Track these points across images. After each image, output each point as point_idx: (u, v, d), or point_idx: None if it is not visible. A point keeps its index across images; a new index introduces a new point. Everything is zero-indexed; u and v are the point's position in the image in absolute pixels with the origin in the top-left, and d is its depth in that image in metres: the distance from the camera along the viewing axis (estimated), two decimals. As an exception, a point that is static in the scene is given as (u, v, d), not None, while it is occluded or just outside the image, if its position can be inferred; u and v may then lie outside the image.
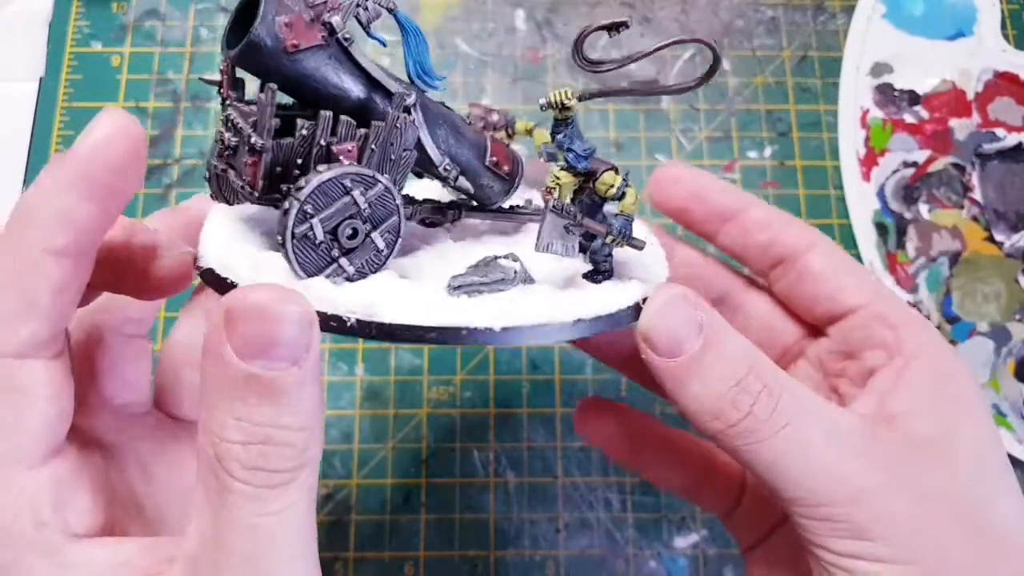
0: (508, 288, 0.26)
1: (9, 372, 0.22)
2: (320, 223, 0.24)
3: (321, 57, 0.24)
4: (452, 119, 0.28)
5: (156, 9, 0.54)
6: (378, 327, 0.24)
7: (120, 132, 0.23)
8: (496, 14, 0.54)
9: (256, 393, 0.21)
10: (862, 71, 0.53)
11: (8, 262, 0.22)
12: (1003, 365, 0.47)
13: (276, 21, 0.23)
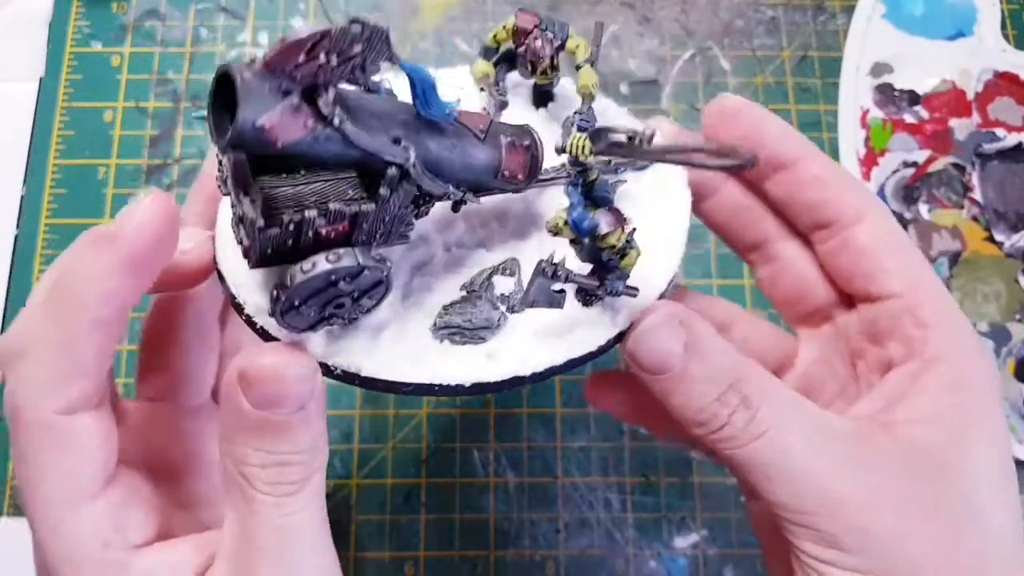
0: (489, 337, 0.27)
1: (61, 428, 0.25)
2: (307, 308, 0.25)
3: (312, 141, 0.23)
4: (464, 151, 0.26)
5: (156, 9, 0.54)
6: (360, 379, 0.26)
7: (160, 215, 0.26)
8: (496, 14, 0.54)
9: (270, 432, 0.25)
10: (862, 71, 0.53)
11: (57, 332, 0.25)
12: (1003, 365, 0.47)
13: (255, 128, 0.21)
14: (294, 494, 0.25)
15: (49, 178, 0.50)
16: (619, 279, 0.27)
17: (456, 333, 0.27)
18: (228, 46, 0.53)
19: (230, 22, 0.54)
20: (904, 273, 0.30)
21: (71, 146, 0.51)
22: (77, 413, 0.26)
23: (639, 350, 0.27)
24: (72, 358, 0.25)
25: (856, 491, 0.26)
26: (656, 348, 0.27)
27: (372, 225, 0.25)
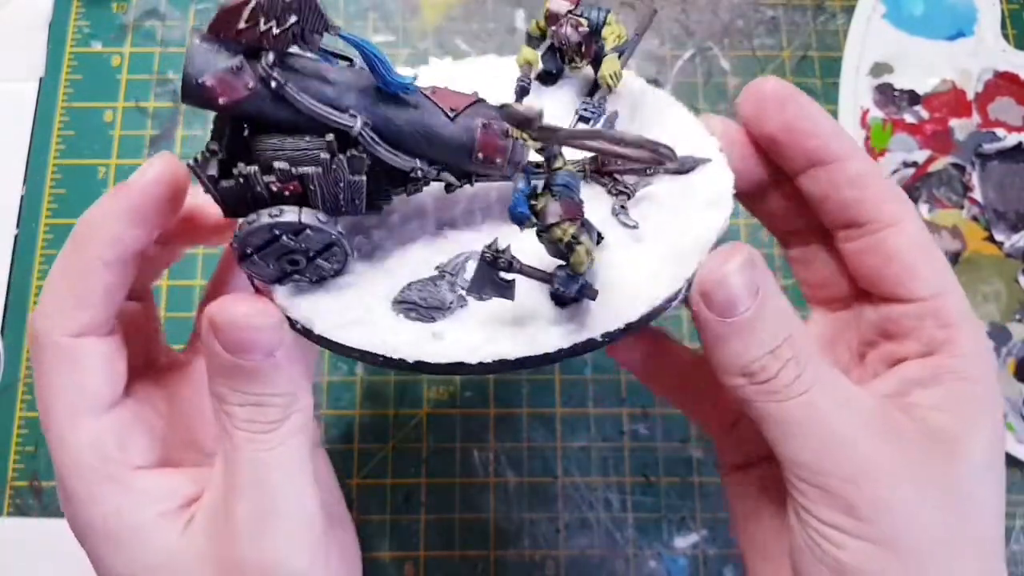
0: (440, 318, 0.27)
1: (70, 348, 0.29)
2: (260, 259, 0.27)
3: (259, 102, 0.25)
4: (426, 124, 0.26)
5: (156, 9, 0.54)
6: (315, 337, 0.27)
7: (166, 175, 0.29)
8: (496, 14, 0.54)
9: (242, 375, 0.27)
10: (862, 71, 0.53)
11: (72, 267, 0.30)
12: (1003, 365, 0.47)
13: (198, 85, 0.24)
14: (270, 431, 0.27)
15: (49, 178, 0.50)
16: (569, 279, 0.26)
17: (412, 309, 0.28)
18: (228, 46, 0.53)
19: (230, 22, 0.54)
20: (933, 279, 0.31)
21: (71, 146, 0.51)
22: (85, 337, 0.29)
23: (716, 290, 0.27)
24: (81, 290, 0.29)
25: (880, 462, 0.27)
26: (733, 290, 0.27)
27: (325, 189, 0.26)
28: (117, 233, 0.29)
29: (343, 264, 0.28)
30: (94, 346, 0.30)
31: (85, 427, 0.29)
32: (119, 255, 0.29)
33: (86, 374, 0.29)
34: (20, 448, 0.46)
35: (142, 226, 0.29)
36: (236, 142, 0.26)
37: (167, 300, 0.48)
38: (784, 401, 0.27)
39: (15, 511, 0.45)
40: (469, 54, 0.53)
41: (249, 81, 0.24)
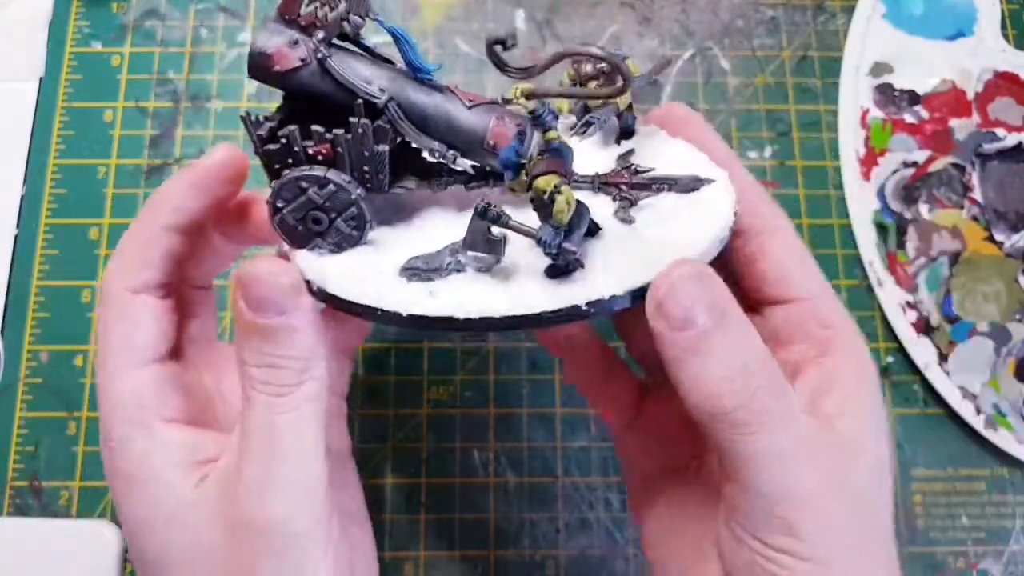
0: (436, 278, 0.29)
1: (126, 301, 0.32)
2: (288, 214, 0.30)
3: (307, 74, 0.29)
4: (448, 110, 0.30)
5: (156, 9, 0.54)
6: (326, 295, 0.29)
7: (228, 159, 0.33)
8: (496, 14, 0.54)
9: (260, 333, 0.29)
10: (862, 71, 0.53)
11: (138, 230, 0.33)
12: (1003, 365, 0.47)
13: (259, 54, 0.29)
14: (284, 395, 0.29)
15: (49, 178, 0.50)
16: (550, 232, 0.27)
17: (415, 273, 0.29)
18: (228, 46, 0.53)
19: (230, 22, 0.54)
20: (810, 282, 0.32)
21: (71, 146, 0.51)
22: (141, 294, 0.32)
23: (668, 298, 0.26)
24: (144, 251, 0.32)
25: (818, 482, 0.27)
26: (685, 300, 0.26)
27: (352, 156, 0.29)
28: (179, 202, 0.33)
29: (362, 231, 0.30)
30: (147, 303, 0.32)
31: (128, 375, 0.32)
32: (180, 222, 0.33)
33: (136, 327, 0.32)
34: (20, 448, 0.46)
35: (203, 198, 0.33)
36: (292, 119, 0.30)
37: (167, 300, 0.48)
38: (754, 433, 0.27)
39: (15, 511, 0.45)
40: (469, 54, 0.53)
41: (302, 53, 0.29)
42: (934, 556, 0.45)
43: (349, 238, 0.30)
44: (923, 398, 0.48)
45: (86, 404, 0.47)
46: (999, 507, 0.46)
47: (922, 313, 0.48)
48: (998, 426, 0.46)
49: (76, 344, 0.47)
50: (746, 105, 0.53)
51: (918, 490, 0.46)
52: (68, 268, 0.49)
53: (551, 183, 0.27)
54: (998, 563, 0.45)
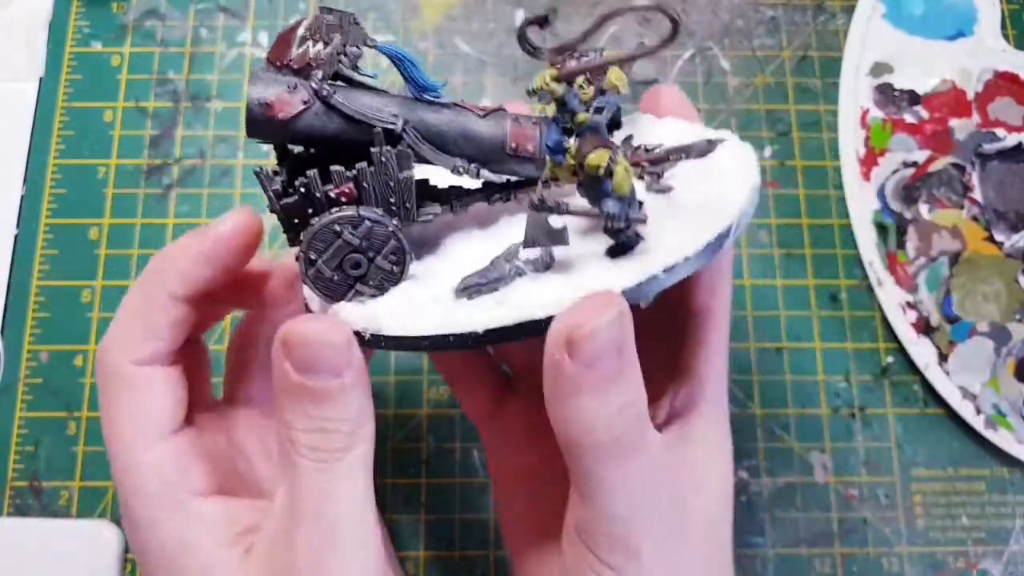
0: (502, 287, 0.28)
1: (136, 375, 0.30)
2: (324, 264, 0.28)
3: (312, 117, 0.28)
4: (463, 122, 0.29)
5: (156, 9, 0.54)
6: (384, 339, 0.28)
7: (242, 227, 0.32)
8: (496, 14, 0.54)
9: (309, 398, 0.27)
10: (862, 71, 0.53)
11: (142, 299, 0.31)
12: (1003, 365, 0.47)
13: (259, 104, 0.27)
14: (336, 461, 0.27)
15: (49, 178, 0.50)
16: (616, 204, 0.26)
17: (475, 290, 0.28)
18: (228, 46, 0.53)
19: (230, 22, 0.54)
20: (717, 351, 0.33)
21: (71, 146, 0.51)
22: (150, 366, 0.31)
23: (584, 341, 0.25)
24: (149, 321, 0.31)
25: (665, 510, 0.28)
26: (601, 343, 0.26)
27: (377, 189, 0.28)
28: (189, 271, 0.31)
29: (403, 265, 0.29)
30: (159, 374, 0.31)
31: (148, 452, 0.30)
32: (188, 292, 0.31)
33: (150, 400, 0.31)
34: (20, 448, 0.46)
35: (213, 268, 0.31)
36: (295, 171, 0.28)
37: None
38: (612, 461, 0.27)
39: (15, 511, 0.45)
40: (469, 54, 0.53)
41: (303, 96, 0.27)
42: (934, 556, 0.45)
43: (391, 276, 0.29)
44: (923, 398, 0.48)
45: (86, 404, 0.47)
46: (999, 507, 0.46)
47: (922, 313, 0.48)
48: (998, 426, 0.46)
49: (76, 344, 0.47)
50: (746, 105, 0.53)
51: (918, 490, 0.46)
52: (68, 268, 0.49)
53: (604, 157, 0.26)
54: (998, 563, 0.45)
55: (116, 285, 0.48)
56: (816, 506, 0.46)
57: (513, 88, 0.53)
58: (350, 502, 0.28)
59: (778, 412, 0.47)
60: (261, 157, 0.51)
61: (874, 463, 0.47)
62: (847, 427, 0.47)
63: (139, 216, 0.50)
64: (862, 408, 0.48)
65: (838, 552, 0.45)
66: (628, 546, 0.27)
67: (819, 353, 0.48)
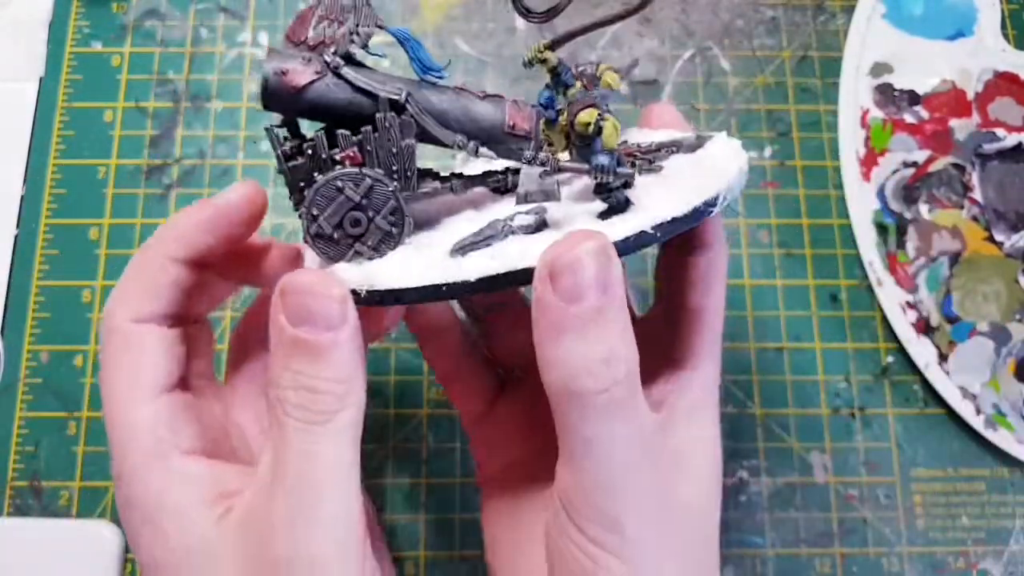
0: (495, 242, 0.29)
1: (132, 332, 0.31)
2: (325, 220, 0.29)
3: (323, 87, 0.29)
4: (465, 103, 0.31)
5: (156, 9, 0.54)
6: (378, 293, 0.28)
7: (247, 198, 0.33)
8: (496, 14, 0.54)
9: (301, 352, 0.27)
10: (862, 71, 0.53)
11: (143, 260, 0.32)
12: (1003, 365, 0.47)
13: (275, 73, 0.29)
14: (321, 423, 0.27)
15: (49, 178, 0.50)
16: (605, 157, 0.28)
17: (469, 247, 0.29)
18: (228, 46, 0.53)
19: (230, 22, 0.54)
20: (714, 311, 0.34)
21: (71, 146, 0.51)
22: (146, 323, 0.31)
23: (565, 271, 0.25)
24: (147, 281, 0.32)
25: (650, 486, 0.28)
26: (584, 275, 0.25)
27: (380, 153, 0.29)
28: (190, 236, 0.32)
29: (402, 227, 0.30)
30: (154, 332, 0.32)
31: (140, 407, 0.30)
32: (188, 255, 0.32)
33: (144, 357, 0.31)
34: (20, 448, 0.46)
35: (215, 236, 0.32)
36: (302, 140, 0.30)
37: (167, 300, 0.48)
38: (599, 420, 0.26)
39: (15, 511, 0.45)
40: (469, 54, 0.53)
41: (316, 67, 0.29)
42: (934, 556, 0.45)
43: (388, 237, 0.30)
44: (923, 398, 0.48)
45: (86, 404, 0.47)
46: (999, 507, 0.46)
47: (922, 313, 0.48)
48: (998, 426, 0.46)
49: (76, 344, 0.47)
50: (746, 105, 0.53)
51: (918, 490, 0.46)
52: (68, 268, 0.49)
53: (593, 115, 0.28)
54: (998, 563, 0.45)
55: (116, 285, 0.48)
56: (816, 506, 0.46)
57: (513, 88, 0.53)
58: (334, 468, 0.27)
59: (778, 412, 0.47)
60: (261, 157, 0.51)
61: (874, 463, 0.47)
62: (847, 427, 0.47)
63: (139, 216, 0.50)
64: (862, 408, 0.48)
65: (838, 552, 0.45)
66: (612, 518, 0.27)
67: (819, 353, 0.48)
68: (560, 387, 0.26)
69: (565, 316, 0.26)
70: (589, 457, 0.27)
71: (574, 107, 0.29)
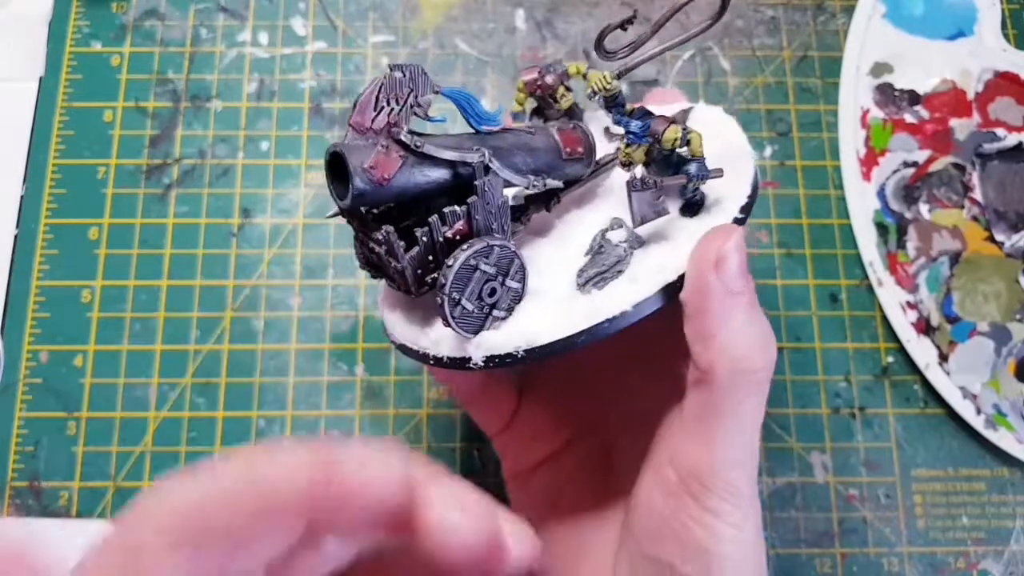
0: (625, 268, 0.30)
1: None
2: (467, 300, 0.29)
3: (408, 170, 0.28)
4: (523, 141, 0.31)
5: (156, 9, 0.54)
6: (540, 349, 0.28)
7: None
8: (496, 14, 0.54)
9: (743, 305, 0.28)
10: (862, 71, 0.53)
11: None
12: (1003, 365, 0.47)
13: (364, 170, 0.27)
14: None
15: (49, 178, 0.50)
16: (695, 164, 0.30)
17: (598, 279, 0.29)
18: (228, 46, 0.53)
19: (230, 22, 0.54)
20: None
21: (71, 146, 0.51)
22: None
23: (726, 258, 0.28)
24: None
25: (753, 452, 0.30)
26: (738, 259, 0.28)
27: (484, 218, 0.29)
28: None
29: (525, 281, 0.30)
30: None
31: None
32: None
33: None
34: (20, 448, 0.46)
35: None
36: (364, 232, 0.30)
37: (167, 300, 0.48)
38: (758, 397, 0.29)
39: (15, 511, 0.45)
40: (469, 54, 0.53)
41: (397, 153, 0.28)
42: (934, 556, 0.45)
43: (518, 295, 0.30)
44: (923, 398, 0.48)
45: (86, 404, 0.47)
46: (999, 507, 0.46)
47: (922, 313, 0.48)
48: (998, 426, 0.46)
49: (76, 344, 0.47)
50: (746, 105, 0.53)
51: (918, 490, 0.46)
52: (68, 268, 0.49)
53: (677, 131, 0.29)
54: (998, 563, 0.45)
55: (116, 285, 0.48)
56: (816, 506, 0.46)
57: (513, 88, 0.53)
58: None
59: (778, 412, 0.47)
60: (260, 157, 0.51)
61: (874, 463, 0.47)
62: (847, 427, 0.47)
63: (139, 216, 0.50)
64: (862, 408, 0.48)
65: (838, 552, 0.45)
66: (737, 489, 0.29)
67: (819, 353, 0.48)
68: (727, 367, 0.28)
69: (733, 301, 0.28)
70: (740, 432, 0.29)
71: (657, 125, 0.30)
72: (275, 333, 0.48)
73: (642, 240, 0.31)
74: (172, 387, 0.47)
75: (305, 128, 0.52)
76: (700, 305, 0.28)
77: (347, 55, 0.53)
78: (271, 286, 0.49)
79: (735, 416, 0.28)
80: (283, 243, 0.49)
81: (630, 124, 0.30)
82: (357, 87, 0.52)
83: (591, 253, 0.31)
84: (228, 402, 0.47)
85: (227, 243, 0.49)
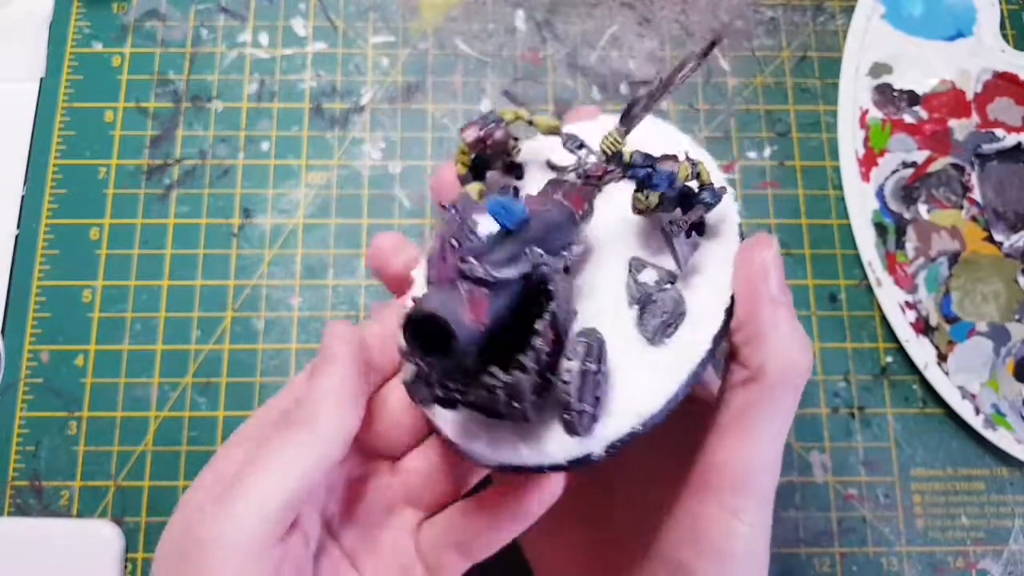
0: (685, 309, 0.30)
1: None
2: (589, 406, 0.27)
3: (493, 303, 0.26)
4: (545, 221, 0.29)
5: (156, 9, 0.54)
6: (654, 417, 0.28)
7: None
8: (496, 14, 0.54)
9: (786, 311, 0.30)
10: (861, 71, 0.53)
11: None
12: (1002, 365, 0.48)
13: (467, 325, 0.25)
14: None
15: (49, 178, 0.50)
16: (707, 192, 0.30)
17: (664, 328, 0.30)
18: (228, 46, 0.53)
19: (230, 22, 0.54)
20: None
21: (71, 146, 0.51)
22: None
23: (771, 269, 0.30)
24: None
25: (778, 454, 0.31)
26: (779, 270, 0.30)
27: (563, 319, 0.28)
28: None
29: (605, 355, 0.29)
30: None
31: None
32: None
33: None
34: (20, 448, 0.46)
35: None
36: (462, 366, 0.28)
37: (167, 300, 0.48)
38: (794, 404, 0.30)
39: (15, 511, 0.45)
40: (469, 54, 0.53)
41: (477, 292, 0.26)
42: (934, 556, 0.45)
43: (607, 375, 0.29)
44: (922, 398, 0.48)
45: (86, 404, 0.47)
46: (999, 507, 0.46)
47: (921, 313, 0.48)
48: (997, 426, 0.46)
49: (76, 344, 0.47)
50: (745, 106, 0.53)
51: (918, 490, 0.46)
52: (68, 268, 0.49)
53: (687, 167, 0.30)
54: (998, 563, 0.45)
55: (116, 285, 0.48)
56: (815, 506, 0.46)
57: (513, 89, 0.53)
58: None
59: (778, 412, 0.47)
60: (260, 157, 0.51)
61: (873, 463, 0.47)
62: (846, 427, 0.47)
63: (139, 216, 0.50)
64: (861, 408, 0.48)
65: (838, 552, 0.45)
66: (761, 490, 0.30)
67: (818, 353, 0.48)
68: (780, 372, 0.29)
69: (779, 307, 0.30)
70: (776, 434, 0.30)
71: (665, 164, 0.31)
72: (276, 333, 0.48)
73: (675, 276, 0.31)
74: (173, 387, 0.47)
75: (305, 128, 0.52)
76: (751, 312, 0.29)
77: (347, 55, 0.53)
78: (271, 286, 0.49)
79: (777, 412, 0.30)
80: (283, 243, 0.49)
81: (652, 176, 0.30)
82: (357, 87, 0.53)
83: (638, 303, 0.30)
84: (229, 402, 0.47)
85: (228, 243, 0.49)
